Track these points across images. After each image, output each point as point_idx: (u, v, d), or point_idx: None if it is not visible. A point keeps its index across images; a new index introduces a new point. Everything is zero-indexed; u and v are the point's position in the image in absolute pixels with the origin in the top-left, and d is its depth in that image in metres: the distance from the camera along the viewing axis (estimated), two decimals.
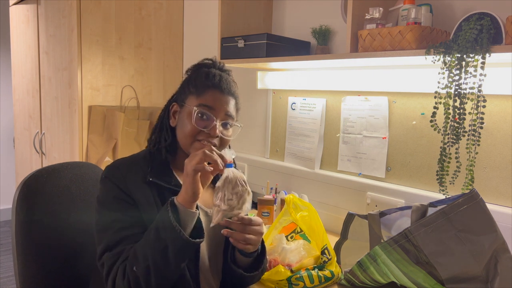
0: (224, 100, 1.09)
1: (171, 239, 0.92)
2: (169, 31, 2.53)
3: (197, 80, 1.11)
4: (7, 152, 4.28)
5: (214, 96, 1.08)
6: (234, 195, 0.97)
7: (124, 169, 1.06)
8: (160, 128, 1.14)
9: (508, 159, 1.32)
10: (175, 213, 0.94)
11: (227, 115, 1.09)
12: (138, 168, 1.07)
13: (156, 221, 0.96)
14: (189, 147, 1.07)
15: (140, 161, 1.09)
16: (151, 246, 0.94)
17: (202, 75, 1.11)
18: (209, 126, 1.06)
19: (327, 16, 1.78)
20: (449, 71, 1.18)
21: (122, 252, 0.97)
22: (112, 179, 1.04)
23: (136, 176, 1.05)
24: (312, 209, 1.39)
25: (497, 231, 1.07)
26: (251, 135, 2.19)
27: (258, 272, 1.10)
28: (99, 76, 2.29)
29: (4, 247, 3.61)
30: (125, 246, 0.98)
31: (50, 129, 2.61)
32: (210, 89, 1.09)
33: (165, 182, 1.06)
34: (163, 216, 0.94)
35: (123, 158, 1.11)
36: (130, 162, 1.09)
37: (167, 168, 1.10)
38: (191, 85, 1.11)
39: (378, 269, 1.13)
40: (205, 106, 1.07)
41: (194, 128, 1.06)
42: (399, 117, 1.57)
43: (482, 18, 1.14)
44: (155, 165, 1.08)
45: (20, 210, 1.18)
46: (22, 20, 2.88)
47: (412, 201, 1.41)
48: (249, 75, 2.14)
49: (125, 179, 1.04)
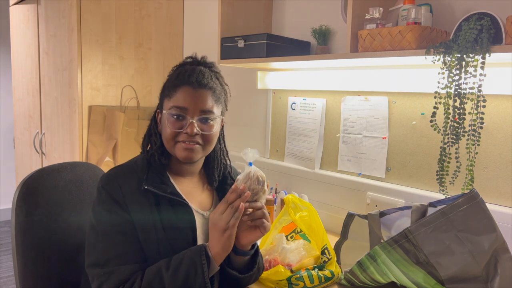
0: (197, 96, 1.04)
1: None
2: (169, 31, 2.53)
3: (169, 82, 1.09)
4: (7, 152, 4.28)
5: (184, 94, 1.05)
6: (251, 191, 1.00)
7: (120, 179, 1.04)
8: (149, 134, 1.13)
9: (508, 159, 1.32)
10: (208, 264, 0.96)
11: (203, 111, 1.05)
12: (135, 176, 1.05)
13: (187, 267, 0.96)
14: (173, 148, 1.06)
15: (136, 168, 1.07)
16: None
17: (174, 74, 1.10)
18: (185, 126, 1.04)
19: (327, 16, 1.78)
20: (449, 71, 1.18)
21: (113, 273, 0.97)
22: (108, 190, 1.02)
23: (132, 185, 1.03)
24: (312, 209, 1.39)
25: (497, 231, 1.07)
26: (251, 135, 2.19)
27: (253, 273, 1.09)
28: (99, 76, 2.29)
29: (4, 247, 3.61)
30: (115, 267, 0.97)
31: (50, 129, 2.61)
32: (180, 88, 1.05)
33: (161, 190, 1.04)
34: (196, 265, 0.95)
35: (120, 166, 1.09)
36: (127, 171, 1.07)
37: (163, 174, 1.08)
38: (165, 89, 1.09)
39: (378, 269, 1.13)
40: (177, 107, 1.04)
41: (171, 131, 1.04)
42: (399, 117, 1.57)
43: (482, 18, 1.14)
44: (151, 172, 1.07)
45: (19, 210, 1.18)
46: (22, 20, 2.88)
47: (412, 201, 1.41)
48: (249, 75, 2.14)
49: (121, 190, 1.02)
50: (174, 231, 1.03)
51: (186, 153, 1.05)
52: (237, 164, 2.15)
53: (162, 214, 1.03)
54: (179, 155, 1.06)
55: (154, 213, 1.02)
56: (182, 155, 1.05)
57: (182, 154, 1.05)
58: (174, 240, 1.03)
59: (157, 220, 1.02)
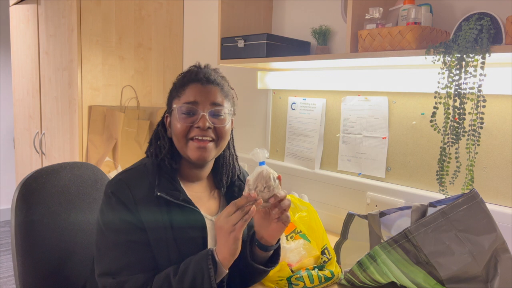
0: (206, 91, 1.05)
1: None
2: (169, 31, 2.53)
3: (177, 84, 1.09)
4: (7, 152, 4.28)
5: (194, 90, 1.04)
6: (266, 188, 0.99)
7: (131, 184, 1.01)
8: (156, 138, 1.11)
9: (508, 159, 1.32)
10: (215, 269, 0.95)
11: (213, 104, 1.04)
12: (145, 180, 1.03)
13: (194, 272, 0.95)
14: (185, 148, 1.04)
15: (146, 172, 1.05)
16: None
17: (181, 77, 1.10)
18: (197, 120, 1.03)
19: (327, 16, 1.78)
20: (449, 71, 1.18)
21: (126, 283, 0.96)
22: (120, 197, 0.99)
23: (143, 190, 1.01)
24: (312, 209, 1.39)
25: (497, 231, 1.07)
26: (251, 135, 2.19)
27: (276, 265, 1.10)
28: (99, 76, 2.29)
29: (4, 247, 3.61)
30: (129, 277, 0.96)
31: (50, 129, 2.61)
32: (189, 85, 1.06)
33: (174, 197, 1.02)
34: (203, 270, 0.94)
35: (129, 171, 1.06)
36: (137, 175, 1.04)
37: (174, 179, 1.06)
38: (173, 91, 1.09)
39: (378, 269, 1.13)
40: (188, 103, 1.03)
41: (182, 126, 1.03)
42: (399, 117, 1.57)
43: (482, 18, 1.14)
44: (162, 177, 1.04)
45: (19, 210, 1.18)
46: (22, 20, 2.88)
47: (412, 201, 1.41)
48: (249, 75, 2.14)
49: (134, 198, 0.99)
50: (185, 238, 1.02)
51: (199, 153, 1.03)
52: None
53: (173, 220, 1.01)
54: (191, 155, 1.04)
55: (165, 219, 1.00)
56: (195, 155, 1.03)
57: (195, 154, 1.03)
58: (185, 247, 1.02)
59: (167, 226, 1.01)
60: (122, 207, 0.99)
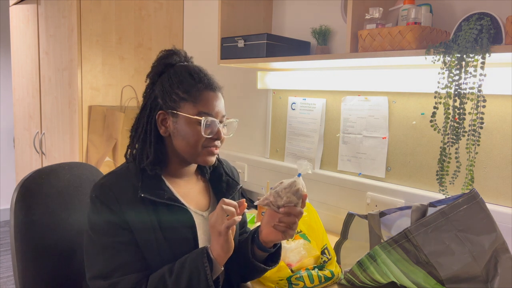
0: (219, 100, 1.06)
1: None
2: (169, 31, 2.53)
3: (184, 84, 1.03)
4: (7, 152, 4.28)
5: (208, 99, 1.04)
6: (286, 198, 1.01)
7: (114, 188, 1.00)
8: (143, 142, 1.06)
9: (508, 159, 1.32)
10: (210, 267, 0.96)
11: (223, 115, 1.07)
12: (129, 183, 1.02)
13: (190, 270, 0.95)
14: (197, 156, 1.05)
15: (129, 174, 1.04)
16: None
17: (185, 76, 1.05)
18: (214, 131, 1.04)
19: (327, 16, 1.78)
20: (449, 71, 1.18)
21: (118, 284, 0.96)
22: (104, 201, 0.99)
23: (127, 193, 1.00)
24: (312, 209, 1.39)
25: (497, 231, 1.07)
26: (251, 135, 2.19)
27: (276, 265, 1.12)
28: (99, 76, 2.29)
29: (4, 247, 3.61)
30: (119, 278, 0.96)
31: (50, 129, 2.61)
32: (203, 92, 1.04)
33: (158, 197, 1.01)
34: (198, 268, 0.95)
35: (112, 174, 1.05)
36: (121, 179, 1.03)
37: (158, 179, 1.05)
38: (179, 90, 1.04)
39: (378, 269, 1.13)
40: (207, 113, 1.03)
41: (202, 138, 1.03)
42: (399, 117, 1.57)
43: (482, 18, 1.14)
44: (145, 178, 1.03)
45: (19, 210, 1.18)
46: (22, 20, 2.88)
47: (412, 201, 1.41)
48: (249, 75, 2.14)
49: (117, 200, 0.99)
50: (174, 235, 1.02)
51: (211, 159, 1.07)
52: (236, 164, 2.15)
53: (161, 219, 1.01)
54: (202, 160, 1.06)
55: (153, 219, 1.00)
56: (207, 161, 1.07)
57: (208, 160, 1.07)
58: (175, 244, 1.02)
59: (156, 226, 1.00)
60: (106, 209, 0.99)
